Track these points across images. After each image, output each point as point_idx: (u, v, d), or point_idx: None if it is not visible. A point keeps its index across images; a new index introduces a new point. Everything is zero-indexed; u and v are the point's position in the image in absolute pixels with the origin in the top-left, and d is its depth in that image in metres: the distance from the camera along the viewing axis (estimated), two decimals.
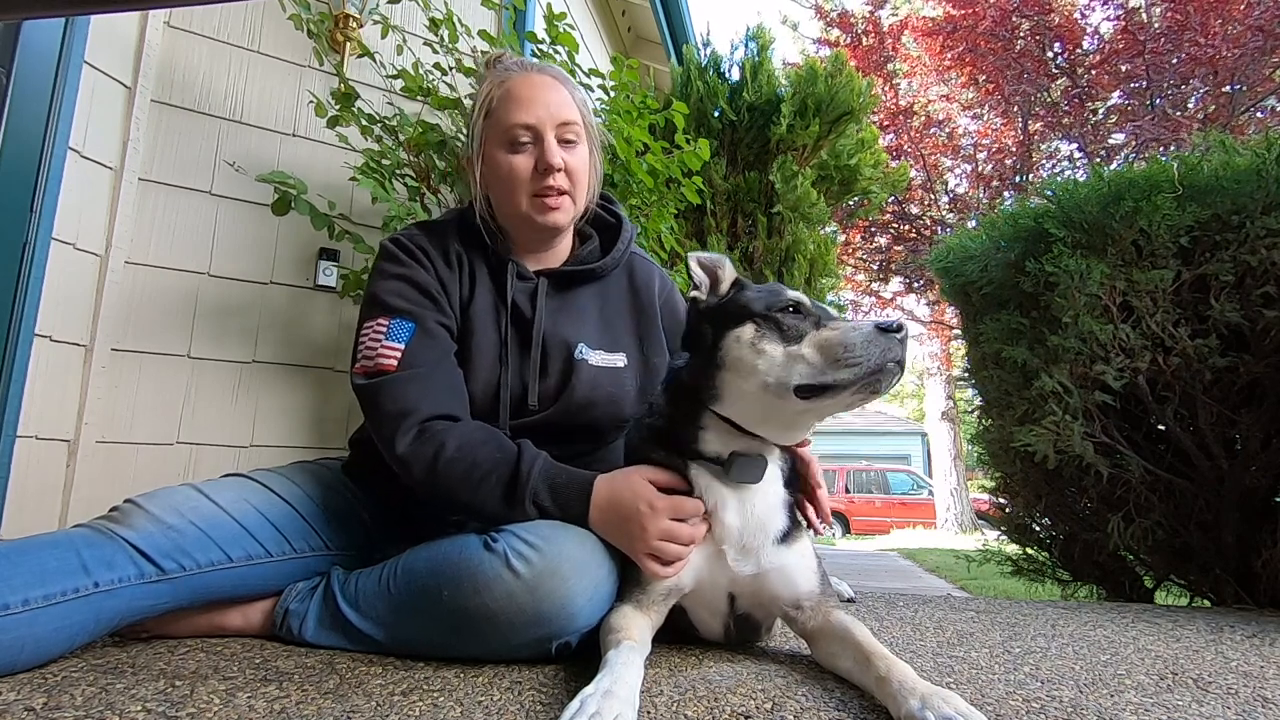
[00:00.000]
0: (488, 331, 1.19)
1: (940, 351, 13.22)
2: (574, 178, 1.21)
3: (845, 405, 0.96)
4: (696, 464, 1.05)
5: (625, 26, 4.67)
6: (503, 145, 1.19)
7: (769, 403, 0.98)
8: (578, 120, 1.22)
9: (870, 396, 0.94)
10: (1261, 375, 1.95)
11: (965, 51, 9.30)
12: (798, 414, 0.99)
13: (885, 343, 0.91)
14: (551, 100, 1.19)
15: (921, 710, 0.74)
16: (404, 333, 1.11)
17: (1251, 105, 8.16)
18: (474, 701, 0.83)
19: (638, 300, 1.33)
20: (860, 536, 12.90)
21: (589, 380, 1.20)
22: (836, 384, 0.93)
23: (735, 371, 1.00)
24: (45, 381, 1.82)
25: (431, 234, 1.23)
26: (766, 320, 1.00)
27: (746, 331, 1.01)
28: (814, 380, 0.94)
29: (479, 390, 1.17)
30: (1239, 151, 2.05)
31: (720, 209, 3.42)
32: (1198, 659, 1.24)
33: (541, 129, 1.17)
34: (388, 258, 1.19)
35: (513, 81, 1.20)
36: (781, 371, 0.96)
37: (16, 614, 0.84)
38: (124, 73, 2.03)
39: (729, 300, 1.08)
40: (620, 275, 1.33)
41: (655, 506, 1.01)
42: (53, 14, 1.61)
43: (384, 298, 1.14)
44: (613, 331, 1.27)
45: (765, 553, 1.03)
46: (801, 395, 0.95)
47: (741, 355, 1.00)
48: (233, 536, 1.06)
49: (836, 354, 0.93)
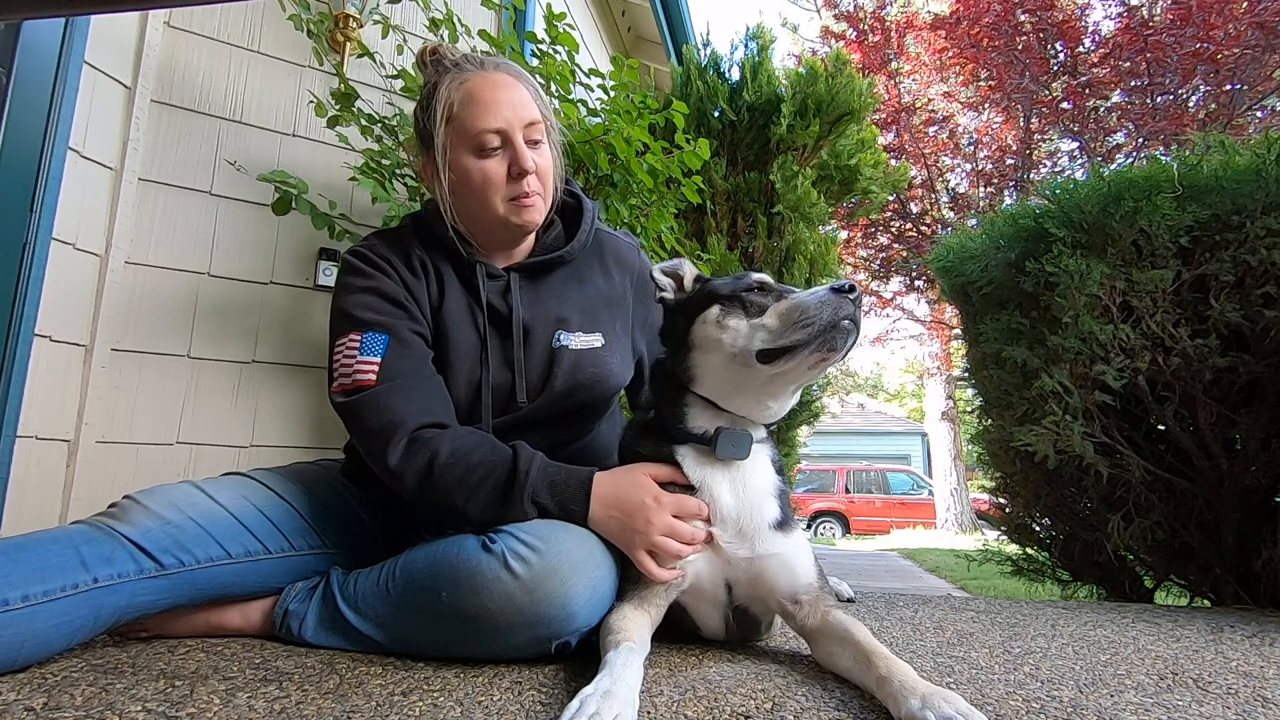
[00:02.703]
0: (465, 333, 1.18)
1: (940, 351, 13.21)
2: (544, 178, 1.20)
3: (808, 368, 1.00)
4: (683, 447, 1.07)
5: (625, 26, 4.67)
6: (471, 151, 1.16)
7: (736, 372, 1.04)
8: (540, 119, 1.20)
9: (829, 355, 0.99)
10: (1261, 375, 1.94)
11: (968, 47, 9.29)
12: (765, 382, 1.03)
13: (837, 301, 0.97)
14: (515, 100, 1.17)
15: (922, 710, 0.74)
16: (378, 345, 1.09)
17: (1252, 104, 8.15)
18: (474, 701, 0.83)
19: (609, 277, 1.32)
20: (860, 536, 12.89)
21: (570, 365, 1.20)
22: (794, 345, 0.98)
23: (704, 349, 1.06)
24: (45, 381, 1.82)
25: (391, 242, 1.21)
26: (731, 299, 1.06)
27: (712, 312, 1.07)
28: (772, 344, 1.00)
29: (461, 393, 1.16)
30: (1239, 151, 2.04)
31: (720, 209, 3.42)
32: (1198, 659, 1.24)
33: (510, 132, 1.15)
34: (350, 271, 1.16)
35: (472, 82, 1.17)
36: (745, 341, 1.02)
37: (16, 610, 0.84)
38: (124, 73, 2.03)
39: (696, 292, 1.14)
40: (590, 255, 1.32)
41: (660, 501, 1.01)
42: (53, 14, 1.61)
43: (353, 312, 1.12)
44: (589, 312, 1.26)
45: (761, 537, 1.04)
46: (762, 360, 1.01)
47: (708, 333, 1.06)
48: (232, 533, 1.06)
49: (794, 317, 0.99)
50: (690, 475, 1.05)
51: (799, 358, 0.98)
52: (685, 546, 1.01)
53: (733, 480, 1.06)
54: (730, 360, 1.03)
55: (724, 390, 1.06)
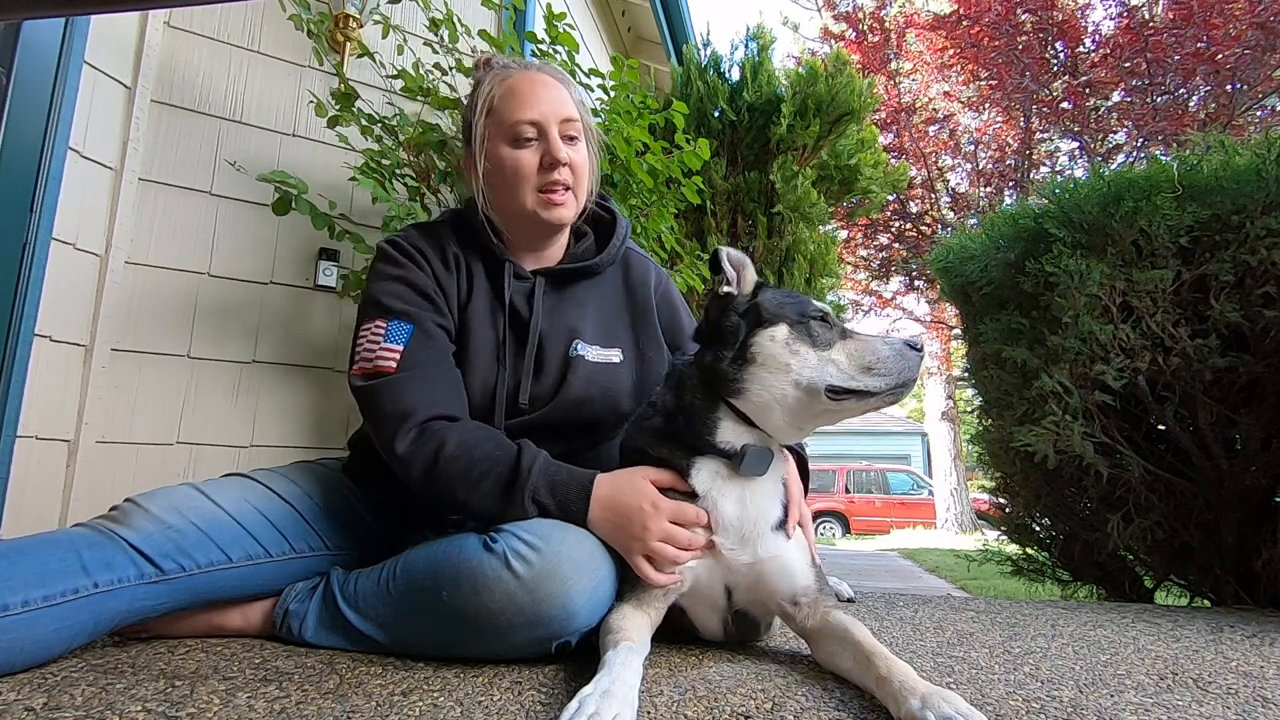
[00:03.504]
0: (485, 332, 1.20)
1: (940, 351, 13.21)
2: (577, 174, 1.22)
3: (861, 410, 1.03)
4: (702, 458, 1.05)
5: (625, 26, 4.67)
6: (507, 141, 1.19)
7: (795, 399, 1.02)
8: (578, 118, 1.23)
9: (885, 405, 1.03)
10: (1261, 375, 1.94)
11: (968, 47, 9.29)
12: (818, 414, 1.04)
13: (912, 359, 1.01)
14: (554, 97, 1.20)
15: (922, 710, 0.74)
16: (402, 334, 1.11)
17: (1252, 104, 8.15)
18: (474, 701, 0.83)
19: (633, 296, 1.33)
20: (860, 536, 12.89)
21: (584, 377, 1.21)
22: (866, 390, 1.00)
23: (766, 368, 1.03)
24: (45, 381, 1.82)
25: (428, 235, 1.23)
26: (801, 324, 1.05)
27: (781, 331, 1.04)
28: (845, 383, 1.01)
29: (476, 390, 1.17)
30: (1239, 151, 2.04)
31: (720, 209, 3.42)
32: (1198, 659, 1.24)
33: (546, 124, 1.18)
34: (385, 259, 1.19)
35: (514, 79, 1.21)
36: (814, 373, 1.01)
37: (16, 615, 0.84)
38: (124, 73, 2.03)
39: (758, 300, 1.10)
40: (616, 271, 1.33)
41: (658, 507, 1.01)
42: (53, 14, 1.61)
43: (382, 299, 1.14)
44: (609, 327, 1.28)
45: (763, 540, 1.04)
46: (832, 396, 1.01)
47: (775, 353, 1.03)
48: (233, 537, 1.06)
49: (866, 361, 1.01)
50: (698, 485, 1.04)
51: (867, 403, 1.01)
52: (682, 553, 1.01)
53: (740, 491, 1.05)
54: (794, 386, 1.01)
55: (771, 410, 1.03)
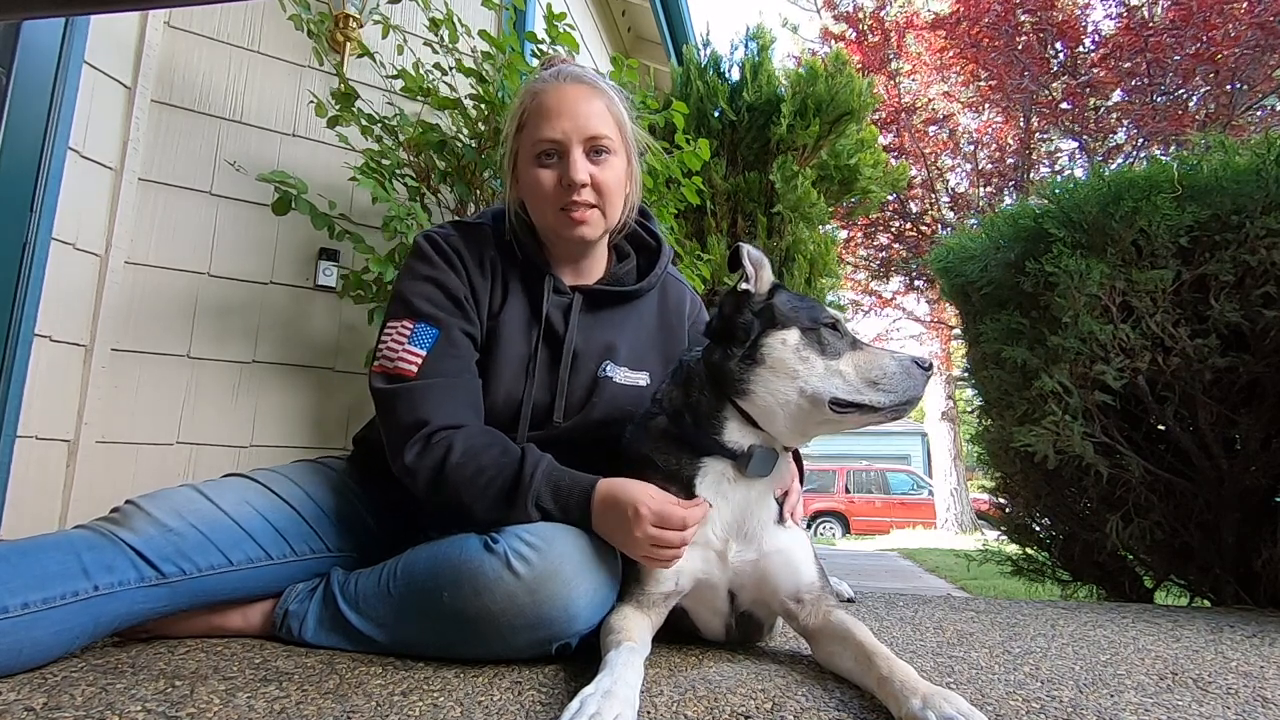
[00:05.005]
0: (516, 343, 1.18)
1: (940, 351, 13.21)
2: (603, 191, 1.18)
3: (863, 424, 1.02)
4: (708, 459, 1.05)
5: (625, 26, 4.67)
6: (531, 159, 1.18)
7: (798, 406, 1.02)
8: (609, 133, 1.18)
9: (888, 421, 1.02)
10: (1261, 375, 1.94)
11: (968, 47, 9.29)
12: (820, 423, 1.03)
13: (919, 378, 1.00)
14: (581, 112, 1.16)
15: (923, 710, 0.74)
16: (427, 339, 1.10)
17: (1252, 104, 8.15)
18: (474, 701, 0.83)
19: (667, 320, 1.33)
20: (860, 536, 12.89)
21: (610, 398, 1.21)
22: (871, 405, 0.99)
23: (774, 371, 1.03)
24: (45, 381, 1.82)
25: (468, 236, 1.21)
26: (812, 331, 1.04)
27: (792, 336, 1.03)
28: (850, 397, 1.00)
29: (500, 401, 1.16)
30: (1239, 151, 2.04)
31: (720, 209, 3.42)
32: (1198, 659, 1.24)
33: (567, 143, 1.15)
34: (420, 256, 1.18)
35: (545, 93, 1.18)
36: (820, 382, 1.01)
37: (15, 617, 0.84)
38: (124, 73, 2.03)
39: (773, 301, 1.09)
40: (653, 295, 1.33)
41: (640, 514, 0.98)
42: (53, 14, 1.61)
43: (411, 299, 1.13)
44: (640, 351, 1.27)
45: (766, 536, 1.05)
46: (835, 408, 1.00)
47: (784, 357, 1.03)
48: (233, 540, 1.05)
49: (872, 375, 1.00)
50: (703, 493, 1.04)
51: (870, 417, 1.00)
52: (681, 550, 1.00)
53: (745, 493, 1.05)
54: (799, 393, 1.01)
55: (775, 415, 1.03)
